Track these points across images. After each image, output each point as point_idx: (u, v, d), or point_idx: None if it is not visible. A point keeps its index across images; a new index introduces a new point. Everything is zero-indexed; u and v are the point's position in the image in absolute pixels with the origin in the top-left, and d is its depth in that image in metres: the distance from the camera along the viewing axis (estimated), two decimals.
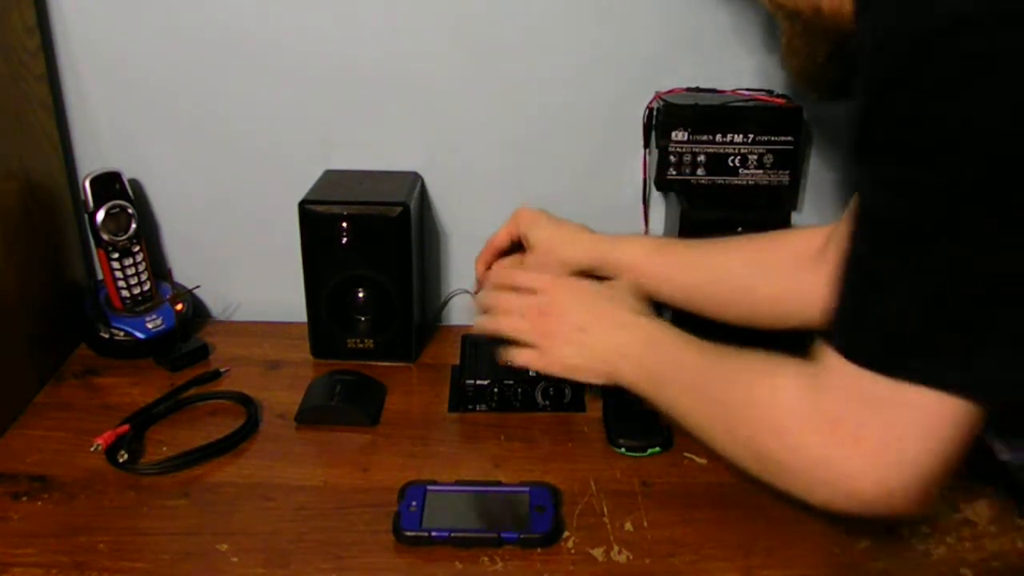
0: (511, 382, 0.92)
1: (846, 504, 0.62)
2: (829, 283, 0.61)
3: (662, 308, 1.10)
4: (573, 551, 0.74)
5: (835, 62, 0.71)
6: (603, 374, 0.81)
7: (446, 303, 1.14)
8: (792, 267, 0.84)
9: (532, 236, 0.94)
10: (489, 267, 0.98)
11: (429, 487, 0.78)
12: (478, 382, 0.92)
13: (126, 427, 0.86)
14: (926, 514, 0.61)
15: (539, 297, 0.85)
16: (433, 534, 0.74)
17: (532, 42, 1.01)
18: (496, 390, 0.92)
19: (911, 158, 0.54)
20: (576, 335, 0.82)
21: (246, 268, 1.13)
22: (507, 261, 0.97)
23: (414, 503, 0.77)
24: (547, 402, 0.92)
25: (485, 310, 0.88)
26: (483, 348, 0.98)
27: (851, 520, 0.76)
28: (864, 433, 0.59)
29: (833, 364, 0.60)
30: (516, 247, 0.97)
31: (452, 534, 0.74)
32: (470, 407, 0.93)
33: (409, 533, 0.74)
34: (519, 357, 0.84)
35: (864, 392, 0.58)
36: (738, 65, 1.01)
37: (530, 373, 0.92)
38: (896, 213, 0.55)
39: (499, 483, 0.80)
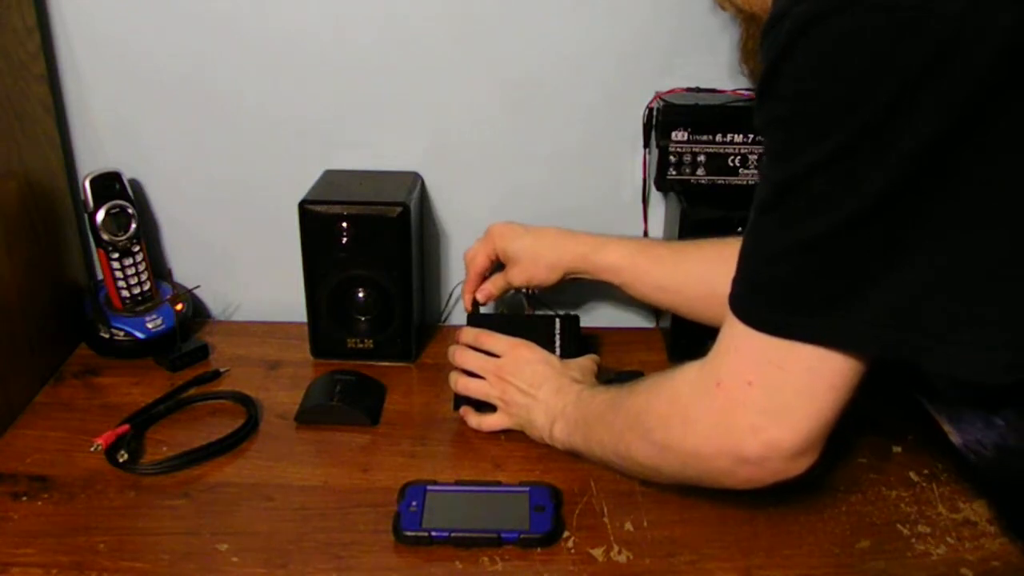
0: None
1: (749, 475, 0.65)
2: None
3: (660, 313, 1.10)
4: (573, 551, 0.74)
5: None
6: (543, 439, 0.85)
7: (450, 298, 1.14)
8: None
9: (511, 249, 0.96)
10: (474, 293, 1.00)
11: (429, 487, 0.78)
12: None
13: (126, 427, 0.86)
14: (811, 470, 0.64)
15: (499, 360, 0.89)
16: (433, 534, 0.74)
17: (532, 42, 1.01)
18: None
19: (790, 127, 0.57)
20: (525, 400, 0.86)
21: (246, 268, 1.13)
22: (492, 281, 0.99)
23: (414, 503, 0.77)
24: None
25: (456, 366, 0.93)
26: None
27: (851, 520, 0.76)
28: (751, 393, 0.62)
29: (727, 330, 0.63)
30: (497, 266, 0.99)
31: (452, 534, 0.74)
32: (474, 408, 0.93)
33: (409, 533, 0.74)
34: (485, 422, 0.89)
35: (751, 351, 0.61)
36: (738, 65, 1.01)
37: None
38: (776, 175, 0.58)
39: (499, 483, 0.80)
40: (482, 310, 1.03)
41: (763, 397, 0.62)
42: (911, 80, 0.51)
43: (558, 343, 0.94)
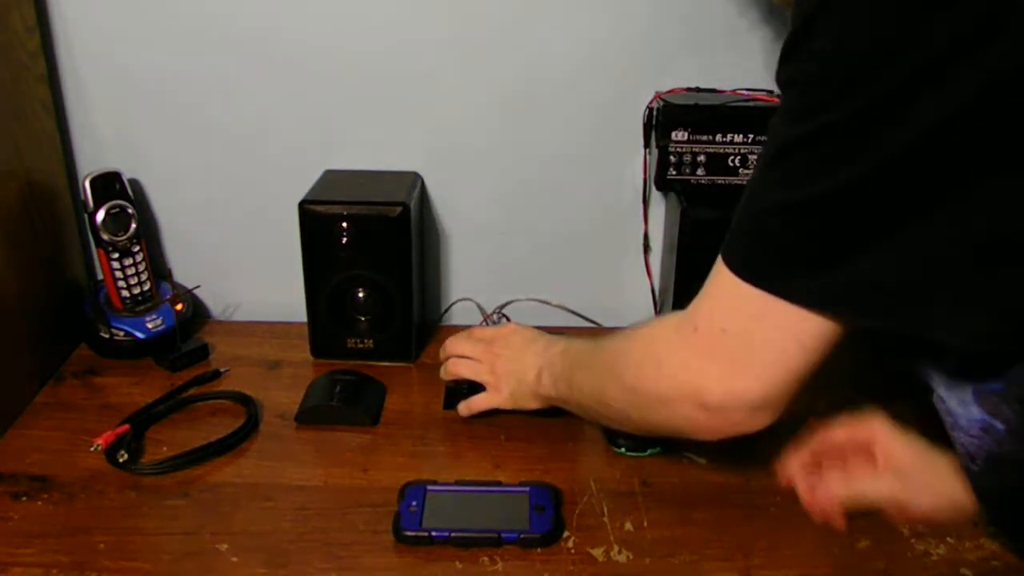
0: None
1: (707, 423, 0.65)
2: None
3: (660, 313, 1.10)
4: (573, 551, 0.74)
5: None
6: (536, 396, 0.87)
7: (448, 309, 1.14)
8: None
9: (897, 456, 0.71)
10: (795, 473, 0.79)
11: (429, 487, 0.78)
12: (471, 382, 0.92)
13: (126, 427, 0.86)
14: (769, 428, 0.64)
15: (490, 341, 0.92)
16: (433, 534, 0.74)
17: (532, 42, 1.01)
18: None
19: (810, 85, 0.57)
20: (514, 364, 0.88)
21: (246, 268, 1.13)
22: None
23: (414, 503, 0.77)
24: None
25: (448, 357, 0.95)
26: None
27: (851, 520, 0.76)
28: (724, 342, 0.62)
29: (713, 277, 0.64)
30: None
31: (452, 534, 0.74)
32: (461, 397, 0.93)
33: (409, 533, 0.74)
34: (474, 404, 0.90)
35: (734, 300, 0.62)
36: (738, 65, 1.01)
37: None
38: (787, 132, 0.58)
39: (499, 483, 0.80)
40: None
41: (735, 345, 0.62)
42: (944, 48, 0.51)
43: None
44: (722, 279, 0.63)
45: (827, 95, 0.56)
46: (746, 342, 0.62)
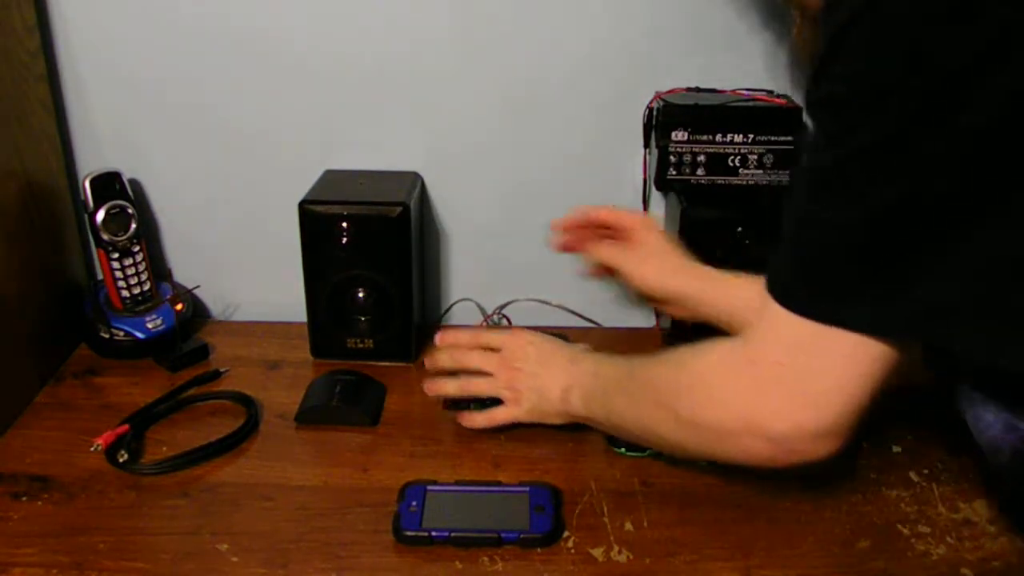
0: None
1: (769, 453, 0.64)
2: None
3: (660, 313, 1.10)
4: (573, 551, 0.74)
5: None
6: (562, 413, 0.85)
7: (448, 310, 1.14)
8: None
9: (646, 241, 0.92)
10: (569, 228, 0.96)
11: (429, 487, 0.78)
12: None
13: (126, 427, 0.86)
14: (837, 455, 0.64)
15: (503, 352, 0.89)
16: (433, 534, 0.74)
17: (532, 42, 1.01)
18: None
19: (844, 108, 0.57)
20: (535, 380, 0.86)
21: (246, 268, 1.13)
22: (601, 246, 0.95)
23: (414, 503, 0.76)
24: None
25: (448, 369, 0.91)
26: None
27: (851, 520, 0.76)
28: (782, 373, 0.62)
29: (764, 313, 0.63)
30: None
31: (452, 534, 0.74)
32: (465, 405, 0.93)
33: (409, 533, 0.74)
34: (496, 416, 0.88)
35: (787, 334, 0.61)
36: (738, 65, 1.01)
37: None
38: (824, 158, 0.58)
39: (499, 483, 0.80)
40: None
41: (793, 378, 0.62)
42: (973, 63, 0.51)
43: None
44: (773, 313, 0.62)
45: (860, 116, 0.55)
46: (805, 374, 0.61)
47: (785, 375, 0.62)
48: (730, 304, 0.86)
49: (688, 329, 0.98)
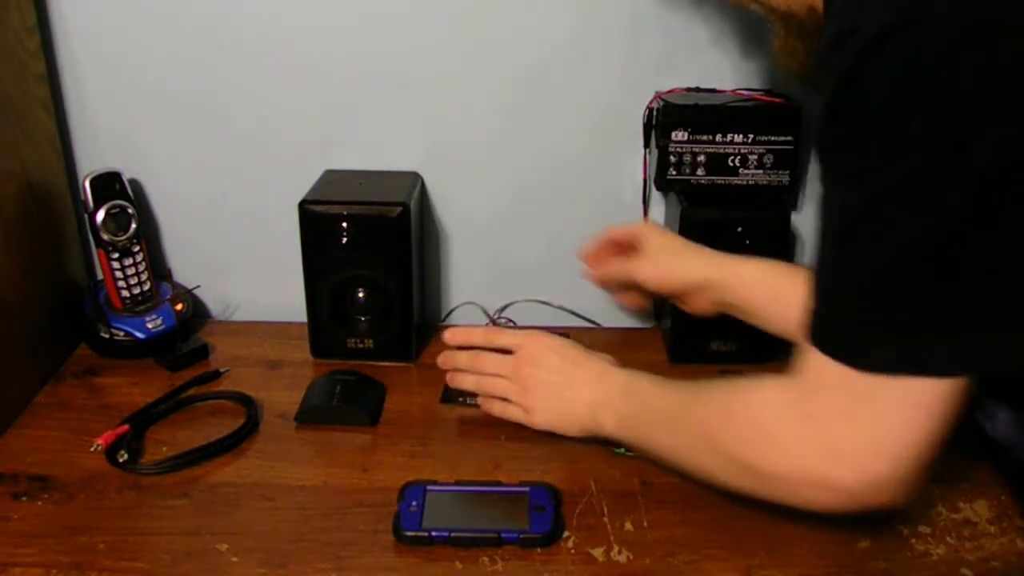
0: None
1: (837, 502, 0.63)
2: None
3: (660, 313, 1.10)
4: (573, 551, 0.74)
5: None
6: (585, 428, 0.83)
7: (450, 313, 1.14)
8: None
9: (655, 237, 0.94)
10: (591, 258, 0.98)
11: (429, 487, 0.78)
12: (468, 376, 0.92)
13: (126, 427, 0.86)
14: (914, 499, 0.62)
15: (518, 354, 0.86)
16: (433, 534, 0.74)
17: (532, 42, 1.01)
18: None
19: (863, 148, 0.55)
20: (557, 390, 0.84)
21: (246, 268, 1.13)
22: (615, 262, 0.96)
23: (414, 503, 0.77)
24: None
25: (460, 369, 0.90)
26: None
27: (851, 520, 0.76)
28: (847, 427, 0.60)
29: (813, 364, 0.61)
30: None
31: (452, 534, 0.74)
32: (460, 399, 0.93)
33: (409, 533, 0.74)
34: (507, 411, 0.87)
35: (841, 386, 0.59)
36: (738, 65, 1.01)
37: None
38: (848, 200, 0.57)
39: (499, 483, 0.80)
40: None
41: (858, 431, 0.59)
42: (989, 93, 0.50)
43: None
44: (826, 368, 0.60)
45: (879, 156, 0.54)
46: (871, 424, 0.59)
47: (850, 429, 0.60)
48: (753, 291, 0.87)
49: (691, 329, 0.99)
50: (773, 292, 0.86)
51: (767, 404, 0.66)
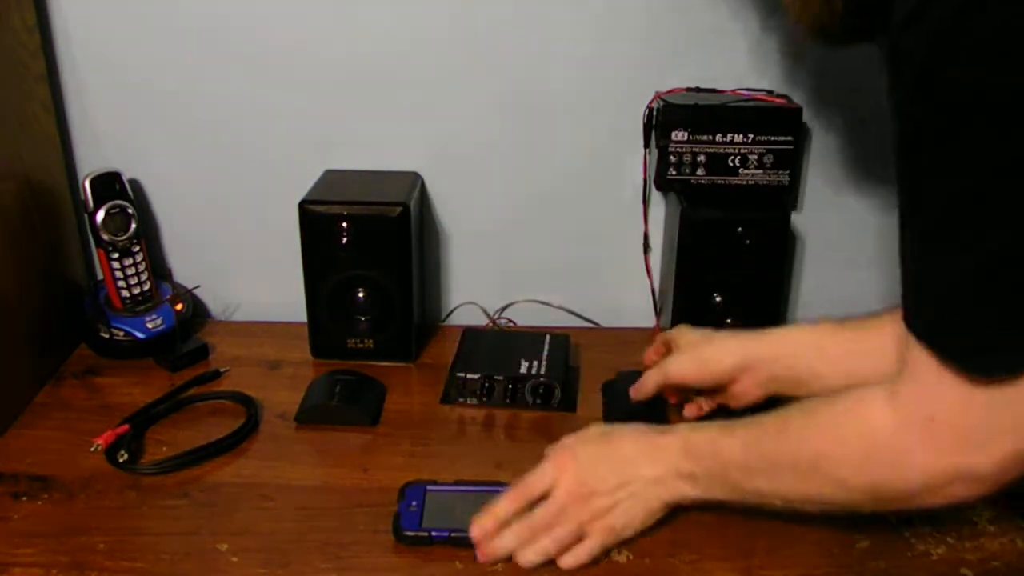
0: (500, 378, 0.92)
1: (978, 491, 0.60)
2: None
3: (660, 313, 1.10)
4: None
5: (853, 7, 0.65)
6: (668, 505, 0.75)
7: (451, 313, 1.14)
8: None
9: (682, 339, 0.89)
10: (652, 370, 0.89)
11: (429, 487, 0.78)
12: (468, 376, 0.93)
13: (126, 427, 0.86)
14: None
15: (557, 494, 0.73)
16: (433, 534, 0.74)
17: (532, 42, 1.01)
18: (486, 385, 0.92)
19: (954, 133, 0.51)
20: (621, 498, 0.73)
21: (246, 268, 1.13)
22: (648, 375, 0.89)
23: (414, 503, 0.76)
24: (537, 400, 0.92)
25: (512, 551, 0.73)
26: (482, 342, 0.99)
27: (851, 520, 0.76)
28: (968, 420, 0.57)
29: (921, 364, 0.58)
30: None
31: (452, 534, 0.74)
32: (459, 399, 0.93)
33: (409, 533, 0.74)
34: (584, 554, 0.72)
35: (959, 390, 0.56)
36: (738, 65, 1.01)
37: (521, 371, 0.92)
38: (945, 189, 0.53)
39: (499, 483, 0.80)
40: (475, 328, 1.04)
41: (982, 417, 0.57)
42: None
43: (544, 360, 0.95)
44: (940, 376, 0.56)
45: (979, 140, 0.50)
46: (993, 410, 0.56)
47: (974, 417, 0.57)
48: (801, 358, 0.80)
49: (694, 324, 0.99)
50: (821, 352, 0.80)
51: (883, 420, 0.62)
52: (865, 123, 1.03)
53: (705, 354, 0.85)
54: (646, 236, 1.09)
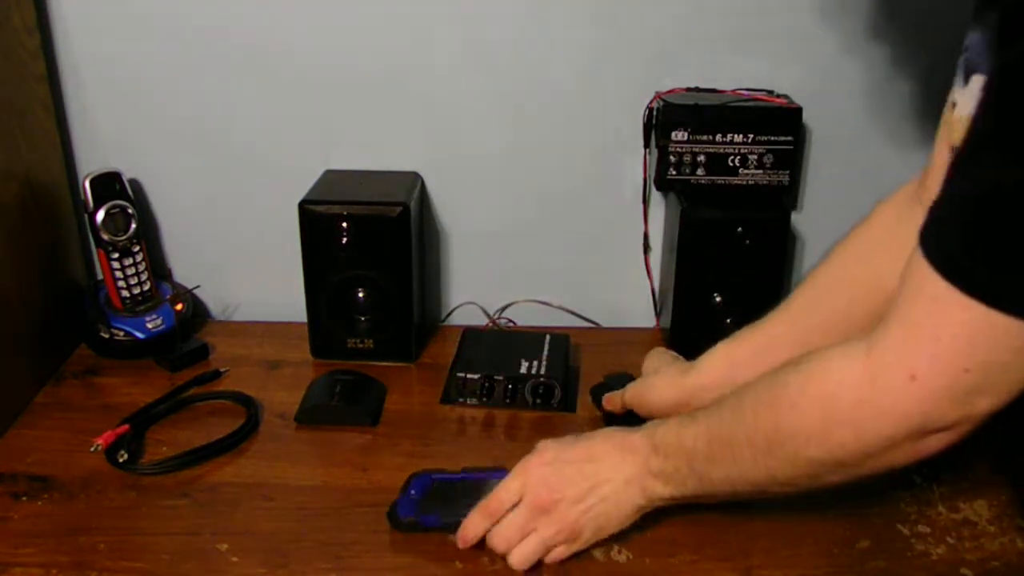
0: (500, 378, 0.92)
1: (931, 445, 0.57)
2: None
3: (660, 312, 1.10)
4: None
5: None
6: (641, 508, 0.73)
7: (451, 313, 1.14)
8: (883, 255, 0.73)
9: (648, 364, 0.90)
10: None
11: (436, 475, 0.79)
12: (468, 376, 0.93)
13: (126, 427, 0.86)
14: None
15: (526, 500, 0.72)
16: (424, 520, 0.74)
17: (532, 42, 1.01)
18: (486, 385, 0.92)
19: None
20: (592, 501, 0.71)
21: (246, 268, 1.13)
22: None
23: (413, 492, 0.77)
24: (537, 400, 0.92)
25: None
26: (482, 342, 0.99)
27: (851, 520, 0.76)
28: (965, 380, 0.53)
29: (916, 301, 0.54)
30: None
31: (444, 520, 0.74)
32: (459, 399, 0.93)
33: (405, 520, 0.74)
34: (558, 557, 0.72)
35: (965, 328, 0.52)
36: (738, 65, 1.01)
37: (521, 371, 0.92)
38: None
39: (504, 469, 0.78)
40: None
41: (982, 379, 0.53)
42: None
43: (544, 360, 0.95)
44: (940, 299, 0.52)
45: None
46: (998, 372, 0.52)
47: (970, 381, 0.53)
48: (732, 377, 0.74)
49: (691, 329, 0.99)
50: (734, 367, 0.78)
51: (849, 374, 0.58)
52: (865, 123, 1.03)
53: (646, 390, 0.85)
54: (646, 236, 1.09)
